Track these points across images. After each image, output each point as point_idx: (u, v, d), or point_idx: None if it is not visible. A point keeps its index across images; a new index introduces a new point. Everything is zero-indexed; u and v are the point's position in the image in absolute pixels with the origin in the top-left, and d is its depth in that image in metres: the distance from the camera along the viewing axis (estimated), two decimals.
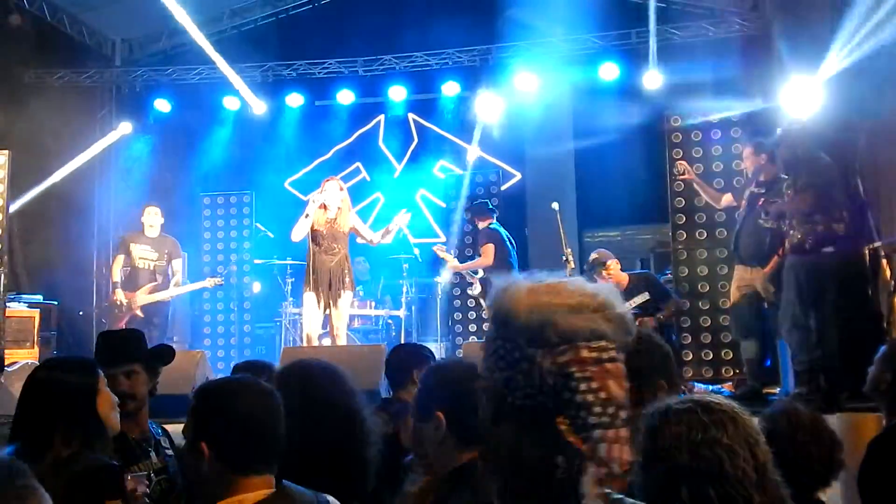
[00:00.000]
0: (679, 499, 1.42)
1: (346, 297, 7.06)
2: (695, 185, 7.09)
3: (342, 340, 7.11)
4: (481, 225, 8.23)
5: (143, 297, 8.02)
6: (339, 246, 7.02)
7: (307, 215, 6.93)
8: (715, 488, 1.42)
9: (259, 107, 10.85)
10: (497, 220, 8.31)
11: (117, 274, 8.11)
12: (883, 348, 3.27)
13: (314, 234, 6.99)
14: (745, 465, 1.43)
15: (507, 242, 8.11)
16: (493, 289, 1.29)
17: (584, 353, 1.18)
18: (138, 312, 7.99)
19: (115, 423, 2.53)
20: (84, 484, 2.26)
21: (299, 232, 6.99)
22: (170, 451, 3.12)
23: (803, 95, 8.62)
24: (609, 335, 1.19)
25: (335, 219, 6.99)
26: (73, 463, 2.31)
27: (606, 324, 1.20)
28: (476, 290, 8.49)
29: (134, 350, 3.15)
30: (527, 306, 1.21)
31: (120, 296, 8.00)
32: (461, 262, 8.56)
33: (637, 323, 6.46)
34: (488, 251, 7.87)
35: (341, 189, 7.10)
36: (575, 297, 1.21)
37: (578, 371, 1.17)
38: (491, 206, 8.37)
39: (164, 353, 3.23)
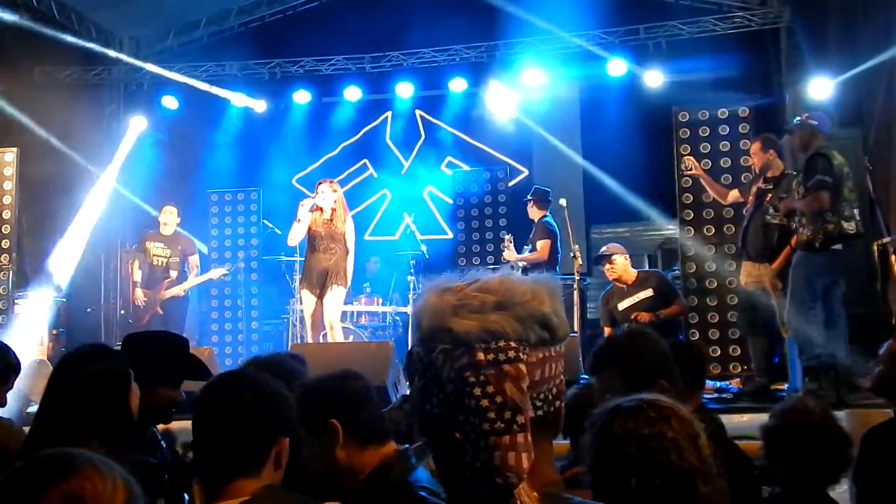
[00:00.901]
0: (629, 489, 1.45)
1: (336, 291, 7.06)
2: (701, 181, 7.07)
3: (337, 335, 7.14)
4: (538, 215, 8.13)
5: (159, 295, 8.35)
6: (337, 246, 7.10)
7: (299, 220, 7.08)
8: (662, 479, 1.44)
9: (259, 105, 10.92)
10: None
11: (137, 274, 8.46)
12: (887, 344, 3.26)
13: (312, 236, 7.11)
14: (689, 457, 1.45)
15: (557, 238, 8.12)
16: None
17: (480, 356, 1.11)
18: (159, 310, 8.28)
19: (136, 415, 2.41)
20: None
21: (295, 236, 7.17)
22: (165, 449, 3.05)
23: (814, 91, 8.61)
24: (512, 335, 1.12)
25: (331, 219, 7.10)
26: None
27: (509, 322, 1.12)
28: None
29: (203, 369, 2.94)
30: (430, 310, 1.15)
31: (140, 296, 8.34)
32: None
33: (633, 317, 6.44)
34: (545, 247, 7.84)
35: (334, 190, 7.19)
36: (479, 297, 1.14)
37: (472, 376, 1.10)
38: (549, 198, 8.31)
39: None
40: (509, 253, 8.18)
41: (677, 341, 6.43)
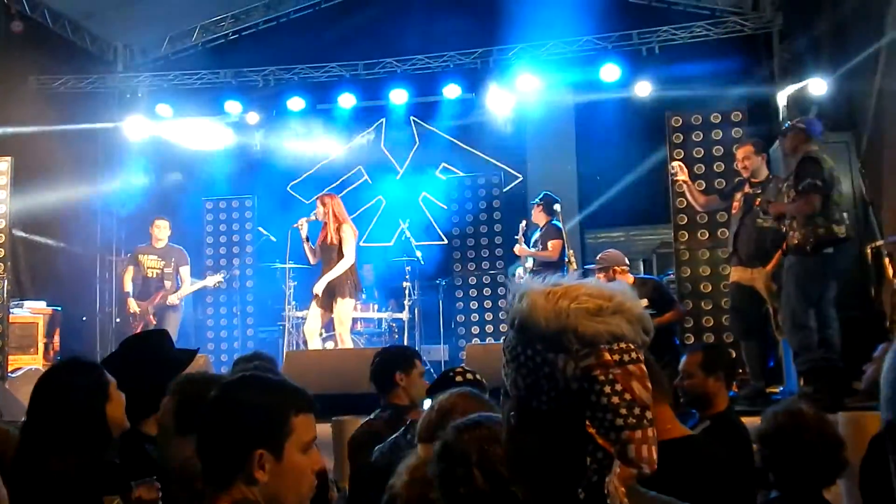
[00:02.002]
0: (474, 485, 1.60)
1: (345, 304, 7.48)
2: (684, 187, 6.98)
3: (346, 344, 7.49)
4: (543, 220, 8.12)
5: (153, 305, 8.39)
6: (335, 257, 7.49)
7: (305, 239, 7.69)
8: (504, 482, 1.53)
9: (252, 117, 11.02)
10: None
11: (129, 284, 8.52)
12: (880, 346, 3.28)
13: (317, 251, 7.64)
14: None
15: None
16: (510, 295, 1.30)
17: (607, 357, 1.19)
18: (151, 318, 8.33)
19: (125, 425, 2.50)
20: (86, 482, 2.25)
21: (309, 256, 7.74)
22: None
23: (811, 88, 8.63)
24: (629, 336, 1.21)
25: (325, 233, 7.57)
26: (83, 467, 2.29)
27: (626, 325, 1.21)
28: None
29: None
30: (545, 312, 1.22)
31: (133, 306, 8.40)
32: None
33: None
34: (556, 247, 7.83)
35: (323, 204, 7.66)
36: (593, 301, 1.22)
37: (602, 374, 1.18)
38: (558, 207, 8.31)
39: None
40: (521, 247, 8.17)
41: (714, 346, 6.43)
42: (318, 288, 7.47)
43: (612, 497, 1.16)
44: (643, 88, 9.93)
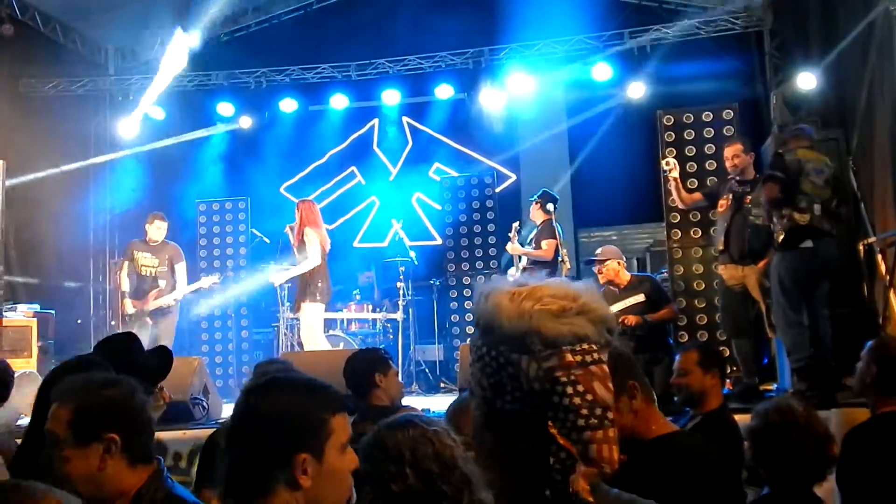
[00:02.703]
0: (406, 481, 1.61)
1: (308, 308, 7.60)
2: (672, 182, 6.99)
3: (307, 349, 7.63)
4: (541, 218, 8.10)
5: (151, 304, 8.22)
6: (302, 259, 7.70)
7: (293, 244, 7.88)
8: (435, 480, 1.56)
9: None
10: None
11: (125, 282, 8.35)
12: (870, 343, 3.31)
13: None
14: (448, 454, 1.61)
15: None
16: (476, 295, 1.30)
17: (569, 358, 1.19)
18: (147, 320, 8.17)
19: None
20: None
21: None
22: None
23: (796, 92, 8.67)
24: (592, 337, 1.21)
25: (295, 237, 7.79)
26: None
27: (589, 326, 1.21)
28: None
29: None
30: (509, 313, 1.22)
31: (128, 307, 8.24)
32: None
33: (620, 321, 6.47)
34: (551, 247, 7.81)
35: (297, 211, 7.85)
36: (557, 302, 1.22)
37: (564, 375, 1.18)
38: (556, 203, 8.29)
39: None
40: (514, 246, 8.16)
41: (709, 343, 6.48)
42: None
43: (576, 495, 1.16)
44: (635, 87, 9.97)
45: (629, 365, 2.37)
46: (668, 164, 6.95)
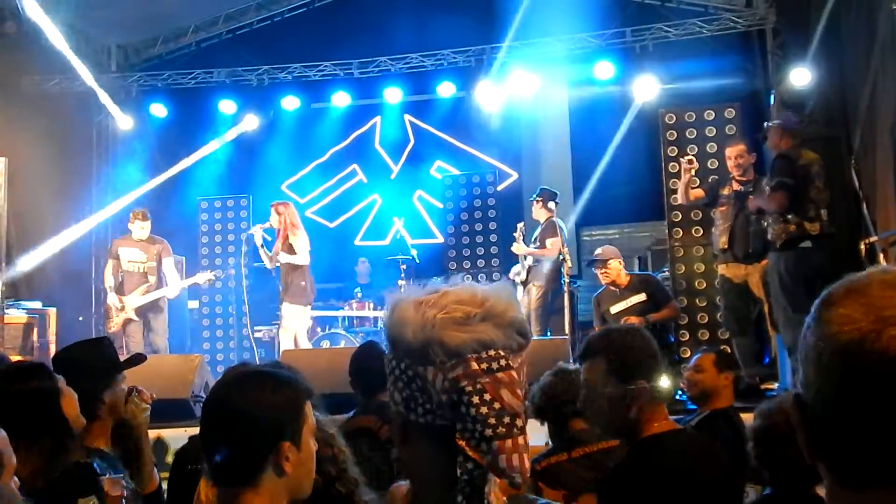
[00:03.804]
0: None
1: (286, 309, 7.83)
2: (684, 177, 6.95)
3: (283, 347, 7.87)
4: (544, 216, 8.09)
5: (136, 299, 8.04)
6: (289, 264, 7.86)
7: (260, 245, 8.03)
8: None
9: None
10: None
11: (109, 279, 8.20)
12: None
13: (274, 257, 7.99)
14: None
15: None
16: (385, 306, 1.28)
17: (474, 366, 1.14)
18: (133, 316, 8.03)
19: (81, 422, 2.44)
20: (58, 485, 2.23)
21: (266, 261, 8.11)
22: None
23: (798, 91, 8.66)
24: (499, 342, 1.16)
25: (281, 241, 7.92)
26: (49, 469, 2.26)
27: (495, 331, 1.16)
28: (521, 276, 8.32)
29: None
30: (413, 324, 1.18)
31: (113, 300, 8.09)
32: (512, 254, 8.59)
33: (623, 321, 6.48)
34: (555, 245, 7.80)
35: (279, 213, 7.99)
36: (461, 308, 1.17)
37: (469, 385, 1.14)
38: (556, 200, 8.29)
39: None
40: (518, 246, 8.16)
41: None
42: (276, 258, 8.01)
43: None
44: (637, 86, 9.94)
45: (647, 364, 2.37)
46: (690, 161, 6.91)
